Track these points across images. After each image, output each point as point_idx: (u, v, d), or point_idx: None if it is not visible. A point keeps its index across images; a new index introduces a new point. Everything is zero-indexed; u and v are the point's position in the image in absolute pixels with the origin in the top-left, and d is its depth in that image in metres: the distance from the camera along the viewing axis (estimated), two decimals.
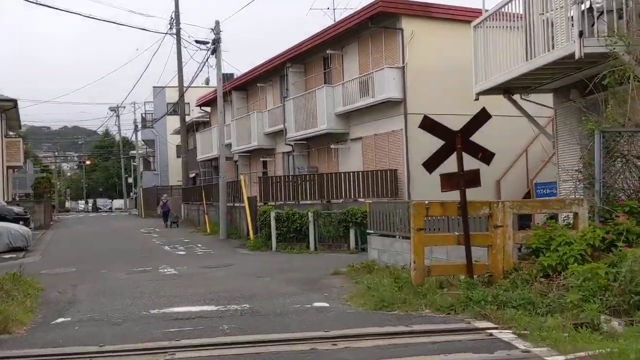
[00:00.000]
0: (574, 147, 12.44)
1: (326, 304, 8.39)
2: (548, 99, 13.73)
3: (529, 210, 8.20)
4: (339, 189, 19.25)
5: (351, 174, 19.26)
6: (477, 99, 13.26)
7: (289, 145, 24.77)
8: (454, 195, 8.16)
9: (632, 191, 8.51)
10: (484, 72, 13.02)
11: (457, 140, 7.86)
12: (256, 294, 9.51)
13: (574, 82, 12.11)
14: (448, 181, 7.97)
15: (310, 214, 17.43)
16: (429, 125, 7.92)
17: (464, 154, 7.91)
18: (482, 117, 8.09)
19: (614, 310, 6.17)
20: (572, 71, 11.32)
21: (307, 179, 20.29)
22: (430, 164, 7.97)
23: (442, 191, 8.10)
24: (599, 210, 8.28)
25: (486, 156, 8.10)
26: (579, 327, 5.78)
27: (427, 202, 7.97)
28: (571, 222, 8.47)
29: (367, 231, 13.47)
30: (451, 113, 14.45)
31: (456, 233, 8.20)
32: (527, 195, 17.36)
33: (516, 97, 13.45)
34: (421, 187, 17.35)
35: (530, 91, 13.24)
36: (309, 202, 19.64)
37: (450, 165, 8.14)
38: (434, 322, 6.67)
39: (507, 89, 13.16)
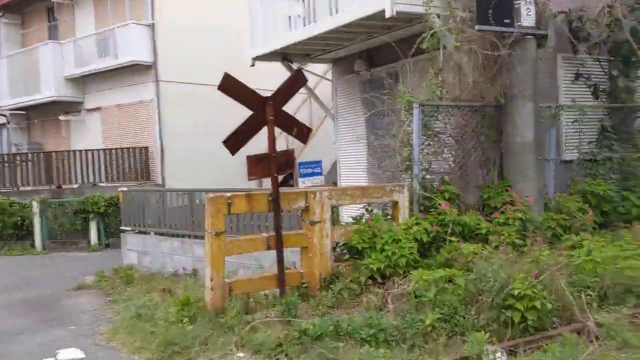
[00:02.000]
0: (355, 123, 11.44)
1: (79, 353, 5.55)
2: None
3: (349, 199, 6.59)
4: (74, 172, 15.56)
5: (89, 152, 15.69)
6: (253, 65, 11.34)
7: (3, 116, 19.59)
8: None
9: (445, 172, 7.52)
10: (262, 35, 11.11)
11: (269, 110, 5.75)
12: None
13: (359, 52, 11.01)
14: (257, 165, 5.82)
15: (35, 204, 13.60)
16: (232, 86, 5.62)
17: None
18: (297, 80, 6.13)
19: (486, 333, 4.84)
20: (360, 38, 10.13)
21: (29, 158, 15.99)
22: (233, 143, 5.69)
23: (249, 179, 5.93)
24: (418, 197, 7.08)
25: (302, 132, 6.17)
26: None
27: (229, 194, 5.70)
28: (389, 212, 7.12)
29: (122, 228, 10.52)
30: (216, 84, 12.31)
31: (265, 235, 6.13)
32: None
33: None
34: (178, 168, 14.87)
35: (310, 60, 11.82)
36: (31, 188, 15.50)
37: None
38: None
39: (286, 56, 11.49)
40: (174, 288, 7.47)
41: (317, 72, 12.71)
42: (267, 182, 7.22)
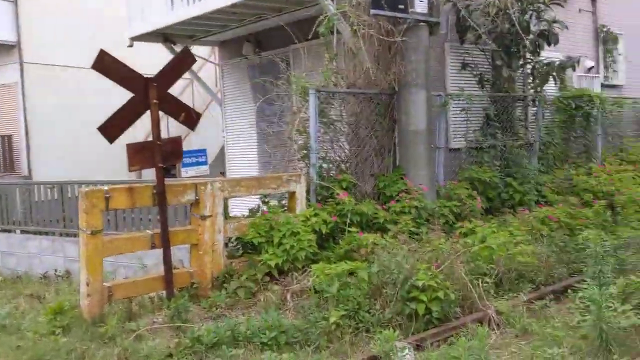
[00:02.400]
0: (244, 110, 10.96)
1: None
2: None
3: (244, 191, 6.13)
4: None
5: None
6: (131, 45, 10.44)
7: None
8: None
9: (342, 161, 7.31)
10: (141, 13, 10.24)
11: (152, 92, 5.13)
12: None
13: (247, 35, 10.51)
14: (139, 154, 5.19)
15: None
16: (109, 65, 4.93)
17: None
18: (184, 59, 5.55)
19: (391, 328, 4.65)
20: (249, 20, 9.64)
21: None
22: (111, 130, 5.01)
23: (130, 169, 5.27)
24: (316, 187, 6.80)
25: (191, 118, 5.61)
26: None
27: (107, 187, 5.03)
28: (286, 203, 6.76)
29: None
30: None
31: (150, 232, 5.51)
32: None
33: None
34: (50, 158, 13.50)
35: (194, 42, 11.11)
36: None
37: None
38: None
39: (168, 37, 10.71)
40: (44, 293, 6.61)
41: (201, 55, 12.01)
42: (147, 173, 6.60)
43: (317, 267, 5.31)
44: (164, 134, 5.63)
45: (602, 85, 12.15)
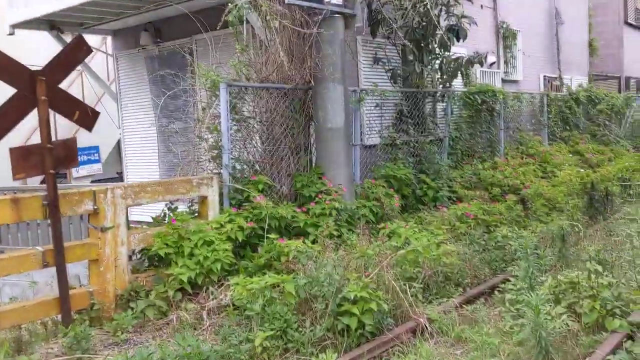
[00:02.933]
0: (143, 104, 10.14)
1: None
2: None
3: (150, 197, 5.48)
4: None
5: None
6: (11, 34, 9.29)
7: None
8: None
9: (256, 161, 6.83)
10: None
11: (41, 88, 4.37)
12: None
13: (145, 24, 9.69)
14: (25, 160, 4.41)
15: None
16: None
17: (50, 112, 4.50)
18: (78, 48, 4.81)
19: (324, 348, 4.28)
20: (147, 7, 8.86)
21: None
22: None
23: (15, 177, 4.47)
24: (229, 190, 6.28)
25: (87, 116, 4.88)
26: None
27: None
28: (197, 209, 6.18)
29: None
30: None
31: (41, 248, 4.74)
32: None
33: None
34: None
35: (85, 30, 10.09)
36: None
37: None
38: None
39: (55, 24, 9.63)
40: None
41: (92, 45, 10.97)
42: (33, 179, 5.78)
43: (238, 281, 4.82)
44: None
45: (503, 81, 12.52)
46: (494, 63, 12.09)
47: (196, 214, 6.12)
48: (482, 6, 11.81)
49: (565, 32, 15.32)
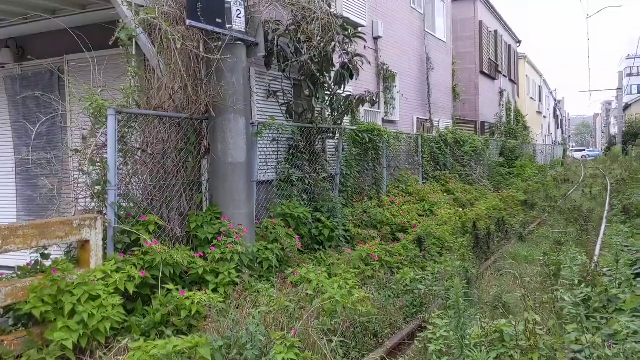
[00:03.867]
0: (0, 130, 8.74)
1: None
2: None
3: (22, 242, 4.46)
4: None
5: None
6: None
7: None
8: None
9: (145, 198, 6.01)
10: None
11: None
12: None
13: (6, 39, 8.42)
14: None
15: None
16: None
17: None
18: None
19: None
20: (10, 21, 7.67)
21: None
22: None
23: None
24: (115, 233, 5.40)
25: None
26: None
27: None
28: (76, 255, 5.22)
29: None
30: None
31: None
32: None
33: None
34: None
35: None
36: None
37: None
38: None
39: None
40: None
41: None
42: None
43: (138, 345, 4.01)
44: None
45: (383, 121, 12.76)
46: (376, 103, 12.27)
47: (75, 261, 5.15)
48: (365, 47, 11.98)
49: (434, 77, 16.17)
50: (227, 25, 6.24)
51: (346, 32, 8.73)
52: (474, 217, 11.21)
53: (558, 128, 65.79)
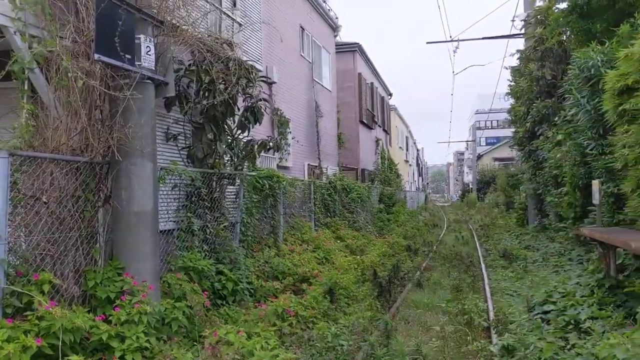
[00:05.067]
0: None
1: None
2: None
3: None
4: None
5: None
6: None
7: None
8: None
9: (39, 254, 5.19)
10: None
11: None
12: None
13: None
14: None
15: None
16: None
17: None
18: None
19: None
20: None
21: None
22: None
23: None
24: (3, 294, 4.56)
25: None
26: None
27: None
28: None
29: None
30: None
31: None
32: None
33: None
34: None
35: None
36: None
37: None
38: None
39: None
40: None
41: None
42: None
43: None
44: None
45: (278, 167, 12.57)
46: (271, 149, 12.07)
47: None
48: (260, 91, 11.82)
49: (322, 125, 16.40)
50: (137, 63, 5.74)
51: (251, 75, 8.51)
52: (369, 264, 11.28)
53: (419, 175, 70.16)
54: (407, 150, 46.89)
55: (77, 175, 5.55)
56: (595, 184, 8.93)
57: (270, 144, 9.11)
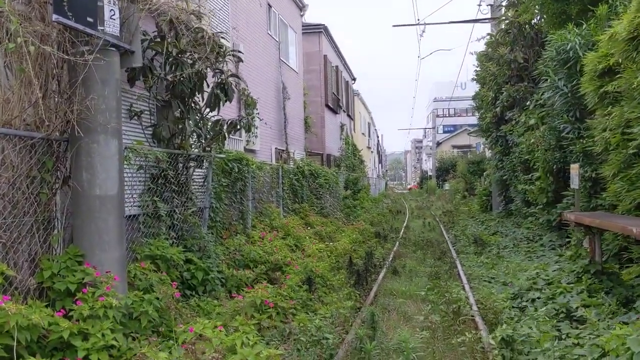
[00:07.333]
0: None
1: None
2: None
3: None
4: None
5: None
6: None
7: None
8: None
9: None
10: None
11: None
12: None
13: None
14: None
15: None
16: None
17: None
18: None
19: None
20: None
21: None
22: None
23: None
24: None
25: None
26: None
27: None
28: None
29: None
30: None
31: None
32: None
33: None
34: None
35: None
36: None
37: None
38: None
39: None
40: None
41: None
42: None
43: None
44: None
45: (245, 150, 12.01)
46: (240, 129, 11.49)
47: None
48: (228, 70, 11.21)
49: (290, 108, 15.86)
50: (100, 27, 5.10)
51: (221, 50, 7.93)
52: (342, 251, 10.90)
53: (380, 162, 70.34)
54: (369, 136, 46.76)
55: (32, 153, 4.92)
56: (575, 168, 8.73)
57: (242, 123, 8.54)
